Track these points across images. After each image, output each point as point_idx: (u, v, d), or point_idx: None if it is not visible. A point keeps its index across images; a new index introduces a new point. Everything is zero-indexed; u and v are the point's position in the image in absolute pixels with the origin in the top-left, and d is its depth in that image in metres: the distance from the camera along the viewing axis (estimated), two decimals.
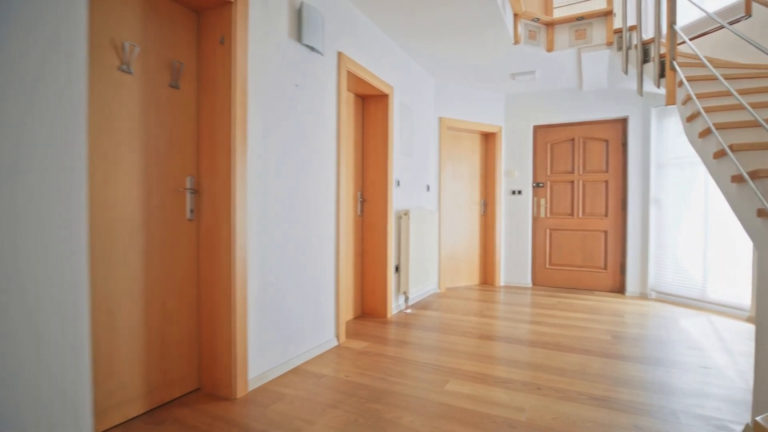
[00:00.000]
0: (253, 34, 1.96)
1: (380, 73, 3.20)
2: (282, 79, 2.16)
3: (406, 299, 3.62)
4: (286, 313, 2.22)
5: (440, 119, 4.40)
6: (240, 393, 1.90)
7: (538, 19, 3.52)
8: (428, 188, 4.27)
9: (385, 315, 3.34)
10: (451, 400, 1.90)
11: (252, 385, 1.98)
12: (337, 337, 2.68)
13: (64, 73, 0.99)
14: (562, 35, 3.58)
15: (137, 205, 1.68)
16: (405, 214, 3.57)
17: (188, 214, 1.88)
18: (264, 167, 2.04)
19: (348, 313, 3.27)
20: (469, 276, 4.81)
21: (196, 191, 1.92)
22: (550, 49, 3.59)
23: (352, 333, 2.91)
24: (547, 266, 4.71)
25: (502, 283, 4.84)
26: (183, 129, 1.87)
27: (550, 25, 3.58)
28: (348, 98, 3.23)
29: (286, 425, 1.66)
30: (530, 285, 4.76)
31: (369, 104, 3.39)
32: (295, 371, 2.22)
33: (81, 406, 0.97)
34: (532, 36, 3.56)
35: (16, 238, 0.88)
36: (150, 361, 1.75)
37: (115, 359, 1.61)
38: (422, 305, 3.78)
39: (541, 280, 4.75)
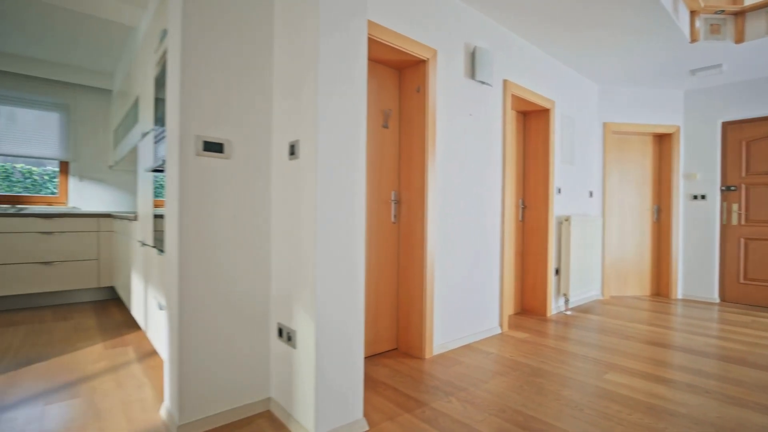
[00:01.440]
0: (439, 81, 2.56)
1: (541, 90, 3.49)
2: (459, 111, 2.71)
3: (566, 301, 3.77)
4: (460, 299, 2.75)
5: (604, 124, 4.36)
6: (427, 355, 2.50)
7: (723, 10, 3.28)
8: (591, 194, 4.29)
9: (544, 313, 3.59)
10: (609, 386, 2.13)
11: (435, 351, 2.57)
12: (501, 326, 3.09)
13: (358, 131, 1.66)
14: (757, 22, 3.25)
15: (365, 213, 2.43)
16: (566, 220, 3.74)
17: (392, 219, 2.59)
18: (445, 182, 2.62)
19: (509, 308, 3.63)
20: (639, 285, 4.58)
21: (397, 201, 2.61)
22: (739, 41, 3.30)
23: (513, 325, 3.28)
24: (741, 281, 4.16)
25: (679, 296, 4.46)
26: (389, 157, 2.58)
27: (739, 14, 3.29)
28: (511, 115, 3.61)
29: (465, 381, 2.18)
30: (717, 300, 4.28)
31: (530, 119, 3.70)
32: (467, 347, 2.73)
33: (357, 337, 1.64)
34: (714, 30, 3.34)
35: (350, 232, 1.59)
36: (368, 323, 2.48)
37: None
38: (583, 309, 3.86)
39: (732, 295, 4.22)
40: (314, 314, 1.52)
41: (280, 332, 1.74)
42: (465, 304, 2.79)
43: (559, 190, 3.76)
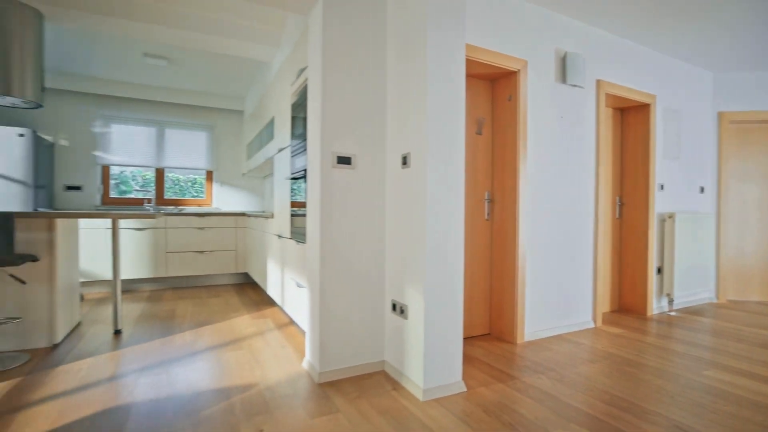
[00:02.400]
0: (530, 88, 2.77)
1: (640, 86, 3.44)
2: (550, 114, 2.88)
3: (670, 301, 3.65)
4: (551, 292, 2.92)
5: (720, 114, 4.07)
6: (519, 340, 2.73)
7: None
8: (702, 190, 4.04)
9: (644, 312, 3.54)
10: (707, 381, 2.16)
11: (527, 338, 2.79)
12: (594, 320, 3.16)
13: (458, 145, 2.00)
14: None
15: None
16: (669, 217, 3.62)
17: (486, 216, 2.86)
18: (536, 182, 2.82)
19: (605, 304, 3.64)
20: (766, 290, 4.16)
21: (491, 201, 2.88)
22: None
23: (608, 321, 3.32)
24: None
25: None
26: (483, 161, 2.86)
27: None
28: (606, 113, 3.62)
29: (554, 363, 2.38)
30: None
31: (628, 115, 3.66)
32: (558, 337, 2.89)
33: (457, 313, 1.99)
34: None
35: (452, 227, 1.94)
36: (464, 309, 2.79)
37: None
38: (692, 311, 3.69)
39: None
40: (423, 292, 1.89)
41: (394, 306, 2.15)
42: (556, 297, 2.95)
43: (662, 187, 3.65)
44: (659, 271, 3.66)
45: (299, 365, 2.31)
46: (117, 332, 2.90)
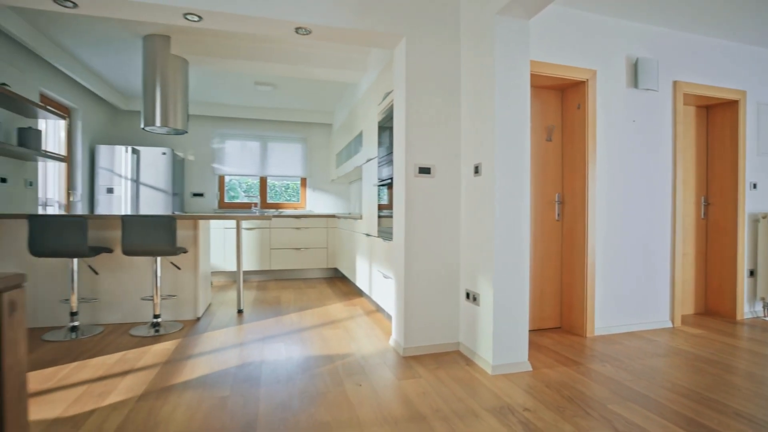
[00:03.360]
0: (599, 96, 2.92)
1: (725, 82, 3.35)
2: (621, 119, 2.99)
3: (765, 306, 3.47)
4: (623, 290, 3.02)
5: None
6: (588, 334, 2.89)
7: None
8: None
9: (733, 316, 3.42)
10: None
11: (597, 332, 2.93)
12: (672, 320, 3.17)
13: (523, 155, 2.30)
14: None
15: (531, 213, 2.99)
16: (764, 218, 3.46)
17: (556, 217, 3.06)
18: (606, 184, 2.95)
19: (687, 306, 3.58)
20: None
21: (561, 202, 3.07)
22: None
23: (690, 323, 3.29)
24: None
25: None
26: (552, 165, 3.06)
27: None
28: (687, 112, 3.56)
29: (622, 355, 2.53)
30: None
31: (714, 112, 3.56)
32: (630, 334, 2.98)
33: (523, 301, 2.27)
34: None
35: (518, 226, 2.25)
36: (534, 303, 3.03)
37: None
38: None
39: None
40: (492, 283, 2.21)
41: (467, 295, 2.49)
42: (629, 295, 3.04)
43: (754, 185, 3.49)
44: (752, 273, 3.50)
45: (386, 342, 2.75)
46: (239, 311, 3.61)
